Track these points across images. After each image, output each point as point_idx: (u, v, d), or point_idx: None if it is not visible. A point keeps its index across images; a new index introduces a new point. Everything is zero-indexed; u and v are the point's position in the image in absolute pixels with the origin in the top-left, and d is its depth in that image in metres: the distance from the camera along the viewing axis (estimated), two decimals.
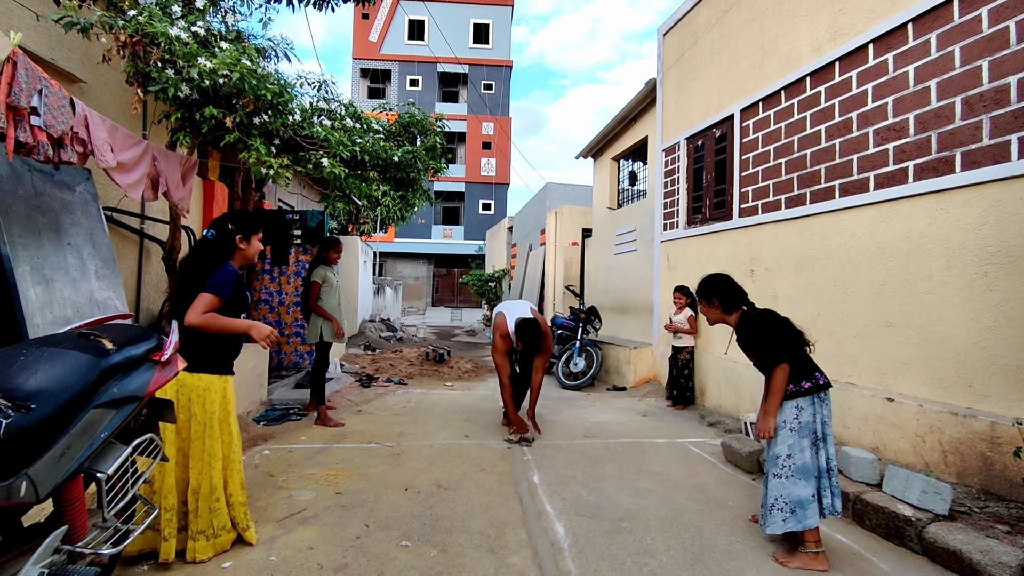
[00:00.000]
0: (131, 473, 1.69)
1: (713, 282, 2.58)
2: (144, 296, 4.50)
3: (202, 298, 2.24)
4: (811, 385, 2.37)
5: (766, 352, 2.41)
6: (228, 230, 2.40)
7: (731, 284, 2.55)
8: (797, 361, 2.39)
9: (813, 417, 2.37)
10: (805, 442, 2.36)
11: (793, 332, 2.46)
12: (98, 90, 3.90)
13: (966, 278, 3.01)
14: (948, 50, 3.12)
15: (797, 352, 2.41)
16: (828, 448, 2.39)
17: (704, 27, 5.72)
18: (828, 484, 2.39)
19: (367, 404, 5.49)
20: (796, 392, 2.38)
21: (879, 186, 3.55)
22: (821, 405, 2.39)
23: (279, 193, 8.36)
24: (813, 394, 2.37)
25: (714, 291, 2.56)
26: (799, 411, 2.37)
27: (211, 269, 2.31)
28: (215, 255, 2.37)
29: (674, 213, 6.24)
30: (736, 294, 2.54)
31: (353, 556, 2.34)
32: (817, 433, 2.37)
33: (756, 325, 2.48)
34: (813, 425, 2.37)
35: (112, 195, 4.00)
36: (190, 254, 2.45)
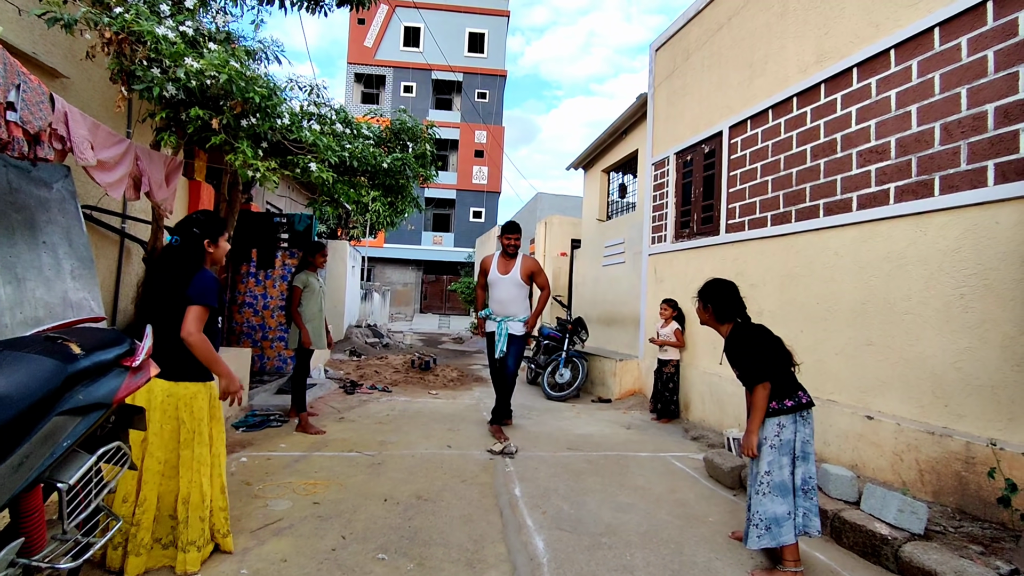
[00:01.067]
0: (95, 483, 1.63)
1: (714, 288, 2.57)
2: (122, 297, 4.41)
3: (192, 311, 2.21)
4: (794, 404, 2.38)
5: (750, 368, 2.40)
6: (194, 234, 2.35)
7: (730, 295, 2.54)
8: (781, 379, 2.40)
9: (794, 435, 2.37)
10: (784, 459, 2.37)
11: (781, 351, 2.47)
12: (81, 86, 3.84)
13: (944, 299, 3.06)
14: (928, 76, 3.20)
15: (782, 371, 2.42)
16: (808, 467, 2.39)
17: (695, 44, 5.81)
18: (802, 503, 2.38)
19: (350, 411, 5.42)
20: (779, 410, 2.38)
21: (862, 206, 3.61)
22: (803, 424, 2.40)
23: (267, 196, 8.28)
24: (795, 412, 2.38)
25: (712, 296, 2.56)
26: (780, 428, 2.38)
27: (188, 278, 2.26)
28: (188, 262, 2.32)
29: (662, 227, 6.28)
30: (732, 305, 2.53)
31: (327, 569, 2.29)
32: (796, 452, 2.37)
33: (745, 340, 2.47)
34: (793, 443, 2.37)
35: (92, 193, 3.92)
36: (159, 262, 2.41)
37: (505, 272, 4.59)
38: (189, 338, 2.19)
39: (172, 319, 2.23)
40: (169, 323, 2.23)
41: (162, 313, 2.26)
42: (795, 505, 2.35)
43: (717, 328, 2.59)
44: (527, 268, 4.60)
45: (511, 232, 4.66)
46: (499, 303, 4.60)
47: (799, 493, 2.37)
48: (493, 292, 4.65)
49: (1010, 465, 2.59)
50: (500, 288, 4.60)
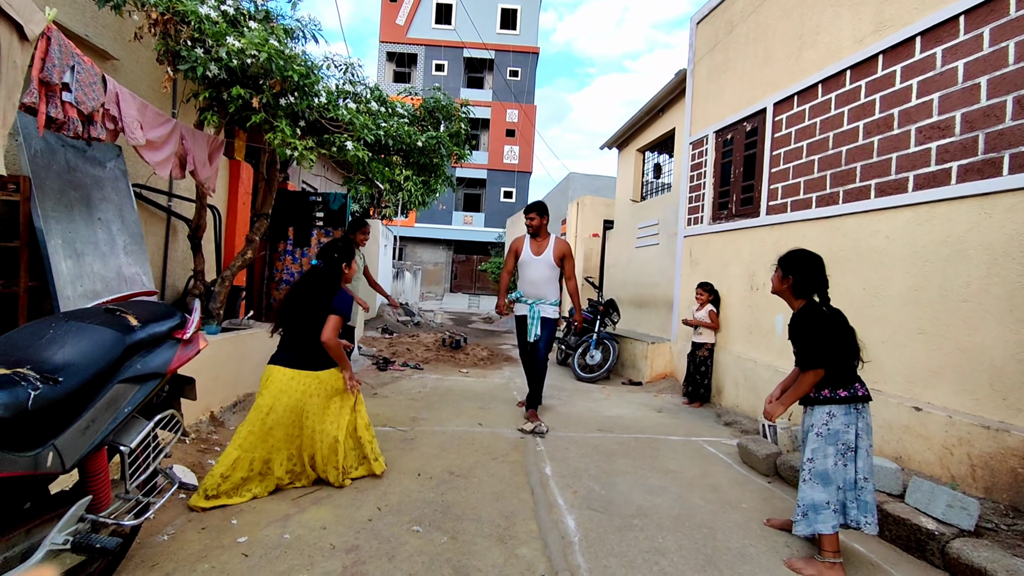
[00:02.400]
0: (153, 447, 1.72)
1: (799, 259, 2.43)
2: (170, 273, 4.59)
3: (332, 320, 2.84)
4: (848, 395, 2.30)
5: (810, 350, 2.31)
6: (335, 259, 2.99)
7: (816, 271, 2.40)
8: (841, 369, 2.32)
9: (846, 427, 2.29)
10: (830, 449, 2.31)
11: (850, 342, 2.36)
12: (130, 67, 3.95)
13: (1008, 287, 2.88)
14: (1002, 45, 2.96)
15: (845, 360, 2.33)
16: (860, 461, 2.30)
17: (740, 16, 5.53)
18: (855, 497, 2.30)
19: (383, 387, 5.55)
20: (831, 399, 2.31)
21: (919, 187, 3.41)
22: (857, 416, 2.31)
23: (303, 175, 8.43)
24: (849, 404, 2.30)
25: (797, 267, 2.42)
26: (830, 418, 2.32)
27: (332, 294, 2.90)
28: (332, 281, 2.96)
29: (699, 208, 6.11)
30: (814, 282, 2.39)
31: (365, 538, 2.37)
32: (849, 444, 2.29)
33: (816, 321, 2.35)
34: (844, 435, 2.29)
35: (141, 172, 4.06)
36: (308, 280, 2.98)
37: (538, 253, 4.52)
38: (329, 341, 2.82)
39: (314, 325, 2.84)
40: (312, 328, 2.84)
41: (306, 320, 2.87)
42: (845, 497, 2.28)
43: (790, 301, 2.46)
44: (559, 250, 4.52)
45: (530, 211, 4.58)
46: (531, 284, 4.55)
47: (849, 487, 2.30)
48: (524, 273, 4.61)
49: None
50: (532, 269, 4.54)
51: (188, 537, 2.28)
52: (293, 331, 2.92)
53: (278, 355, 2.91)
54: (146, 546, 2.17)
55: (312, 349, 2.87)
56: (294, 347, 2.90)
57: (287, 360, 2.88)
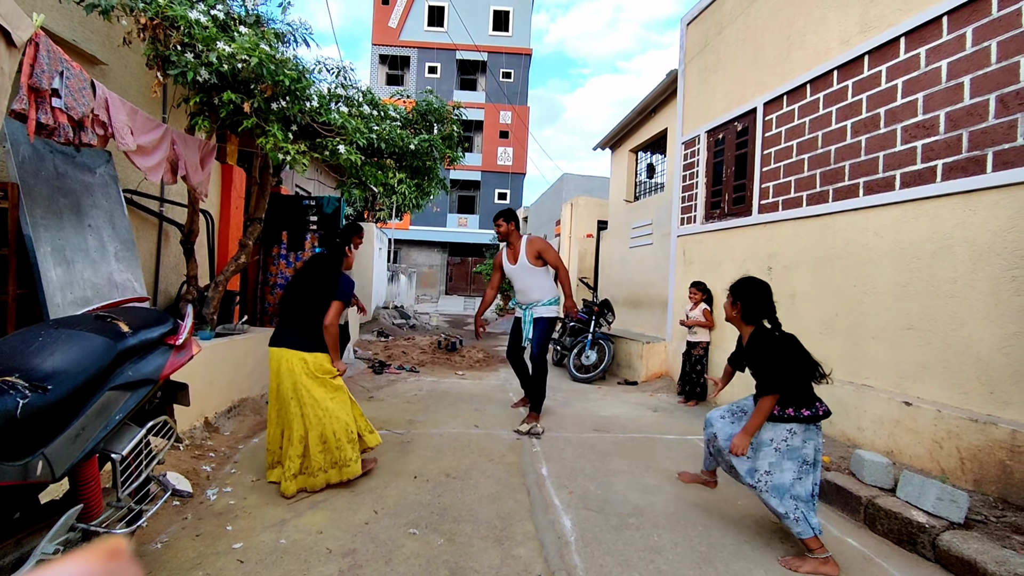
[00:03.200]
0: (145, 454, 1.72)
1: (747, 287, 2.52)
2: (162, 279, 4.57)
3: (335, 305, 2.93)
4: (810, 414, 2.36)
5: (770, 376, 2.37)
6: (337, 244, 3.11)
7: (762, 298, 2.48)
8: (803, 389, 2.38)
9: (804, 443, 2.35)
10: (787, 464, 2.35)
11: (808, 363, 2.42)
12: (119, 73, 3.94)
13: (992, 282, 2.92)
14: (984, 45, 3.00)
15: (805, 380, 2.39)
16: (817, 474, 2.37)
17: (729, 17, 5.58)
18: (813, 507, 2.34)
19: (379, 391, 5.54)
20: (794, 417, 2.36)
21: (905, 185, 3.45)
22: (816, 433, 2.38)
23: (296, 179, 8.41)
24: (810, 423, 2.36)
25: (744, 294, 2.51)
26: (791, 435, 2.37)
27: (335, 279, 2.97)
28: (335, 266, 3.04)
29: (692, 207, 6.14)
30: (762, 309, 2.48)
31: (361, 542, 2.37)
32: (807, 459, 2.35)
33: (772, 347, 2.42)
34: (803, 451, 2.35)
35: (132, 178, 4.04)
36: (309, 268, 3.06)
37: (514, 261, 4.50)
38: (331, 327, 2.90)
39: (315, 309, 2.91)
40: (312, 311, 2.91)
41: (308, 303, 2.93)
42: (795, 507, 2.31)
43: (740, 327, 2.55)
44: (532, 249, 4.44)
45: (496, 219, 4.57)
46: (521, 292, 4.54)
47: (809, 499, 2.33)
48: (513, 283, 4.61)
49: None
50: (516, 278, 4.52)
51: (182, 544, 2.27)
52: (293, 313, 2.98)
53: (275, 335, 2.99)
54: (139, 555, 2.16)
55: (308, 331, 2.92)
56: (291, 327, 2.95)
57: (282, 339, 2.94)
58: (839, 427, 3.79)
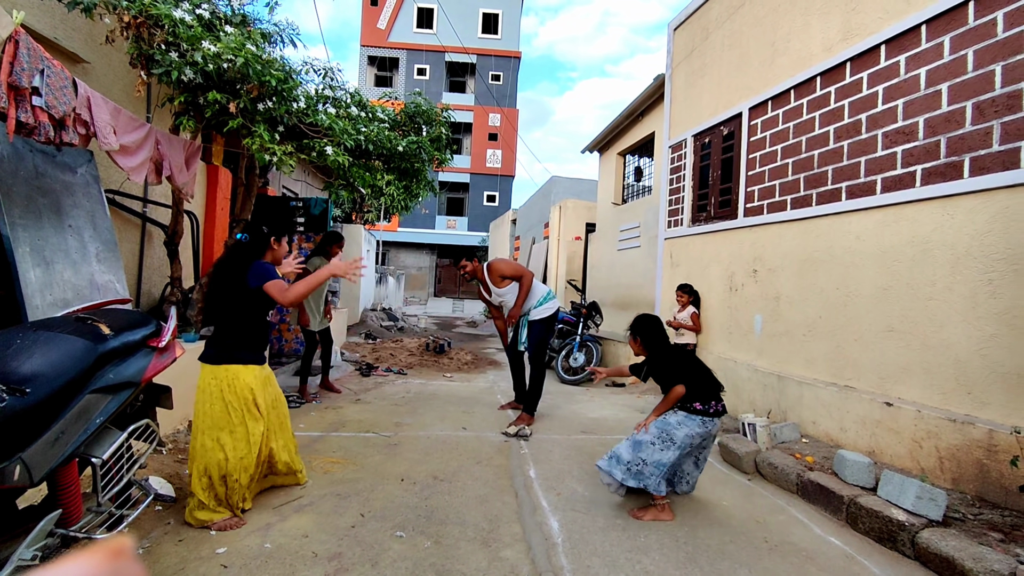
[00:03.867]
0: (126, 458, 1.69)
1: (641, 324, 3.03)
2: (145, 280, 4.51)
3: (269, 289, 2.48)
4: (702, 408, 2.79)
5: (669, 375, 2.89)
6: (263, 232, 2.66)
7: (655, 330, 3.01)
8: (702, 386, 2.82)
9: (678, 425, 2.78)
10: (654, 430, 2.81)
11: (693, 363, 2.98)
12: (101, 71, 3.88)
13: (970, 285, 2.99)
14: (961, 53, 3.08)
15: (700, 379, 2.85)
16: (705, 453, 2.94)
17: (715, 23, 5.65)
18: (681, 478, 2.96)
19: (366, 393, 5.50)
20: (688, 409, 2.80)
21: (886, 189, 3.52)
22: (695, 423, 2.77)
23: (283, 180, 8.34)
24: (699, 416, 2.78)
25: (640, 331, 3.02)
26: (671, 414, 2.84)
27: (246, 269, 2.51)
28: (248, 255, 2.59)
29: (679, 210, 6.20)
30: (656, 338, 3.00)
31: (347, 545, 2.36)
32: (672, 438, 2.76)
33: (665, 357, 2.96)
34: (674, 430, 2.77)
35: (114, 178, 3.98)
36: (225, 257, 2.64)
37: (489, 293, 4.69)
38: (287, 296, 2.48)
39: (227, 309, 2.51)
40: (226, 313, 2.52)
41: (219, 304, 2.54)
42: (639, 463, 2.78)
43: (643, 353, 3.04)
44: (494, 275, 4.60)
45: (458, 263, 4.74)
46: (512, 317, 4.66)
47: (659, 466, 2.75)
48: (503, 309, 4.76)
49: None
50: (503, 303, 4.70)
51: (165, 550, 2.24)
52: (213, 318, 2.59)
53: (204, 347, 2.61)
54: None
55: (218, 337, 2.51)
56: (212, 335, 2.55)
57: (204, 352, 2.56)
58: (823, 428, 3.84)
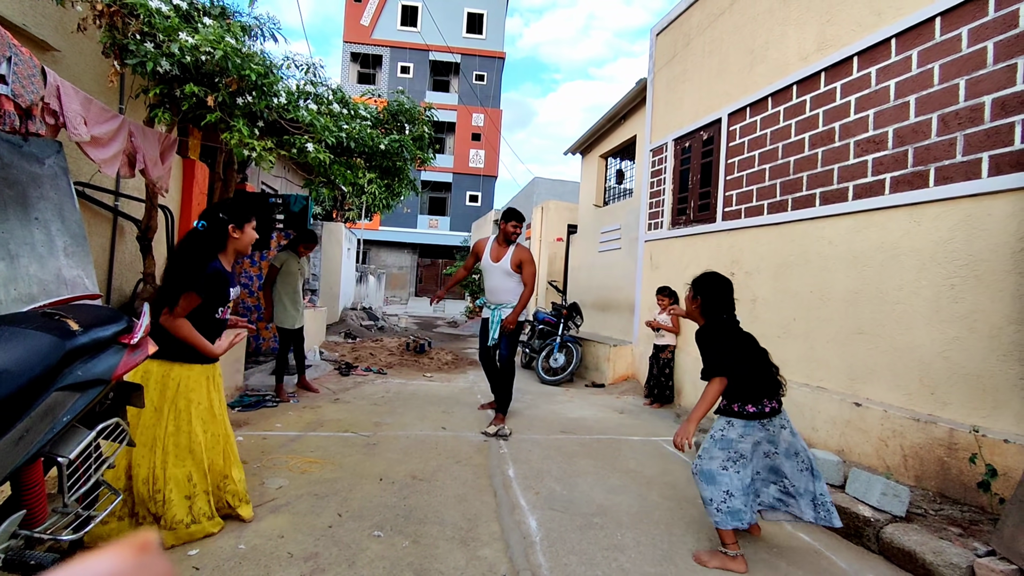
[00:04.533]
0: (94, 458, 1.65)
1: (707, 282, 2.50)
2: (116, 276, 4.39)
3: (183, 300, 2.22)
4: (756, 411, 2.35)
5: (711, 358, 2.37)
6: (219, 219, 2.34)
7: (723, 294, 2.47)
8: (748, 383, 2.36)
9: (741, 438, 2.36)
10: (718, 452, 2.37)
11: (756, 354, 2.43)
12: (72, 60, 3.77)
13: (935, 289, 3.11)
14: (928, 67, 3.19)
15: (751, 374, 2.37)
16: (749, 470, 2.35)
17: (696, 29, 5.75)
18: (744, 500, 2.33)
19: (345, 393, 5.45)
20: (737, 413, 2.37)
21: (857, 196, 3.63)
22: (757, 429, 2.37)
23: (262, 176, 8.20)
24: (754, 419, 2.36)
25: (703, 290, 2.50)
26: (728, 427, 2.38)
27: (198, 265, 2.25)
28: (205, 249, 2.31)
29: (659, 213, 6.29)
30: (722, 305, 2.47)
31: (324, 545, 2.33)
32: (743, 453, 2.35)
33: (719, 332, 2.43)
34: (738, 444, 2.35)
35: (84, 170, 3.87)
36: (179, 247, 2.38)
37: (496, 260, 4.47)
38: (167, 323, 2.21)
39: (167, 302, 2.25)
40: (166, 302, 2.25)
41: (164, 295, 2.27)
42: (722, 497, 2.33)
43: (699, 321, 2.54)
44: (517, 257, 4.44)
45: (514, 219, 4.47)
46: (490, 291, 4.54)
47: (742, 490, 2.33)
48: (485, 279, 4.60)
49: (991, 451, 2.65)
50: (490, 276, 4.51)
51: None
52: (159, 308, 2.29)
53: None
54: None
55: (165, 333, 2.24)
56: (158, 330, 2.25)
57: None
58: (796, 428, 3.94)
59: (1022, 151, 2.70)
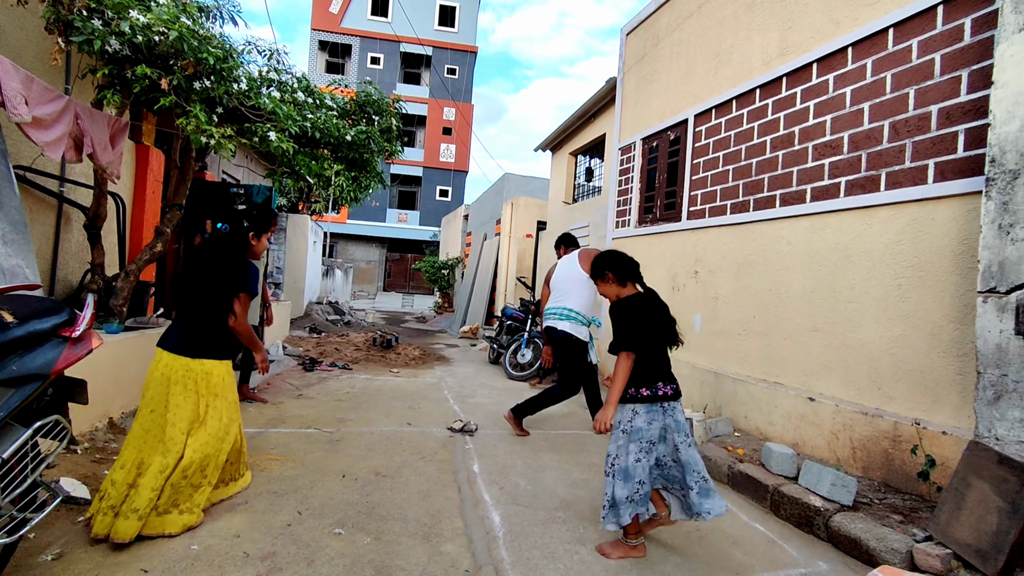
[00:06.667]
0: (32, 457, 1.56)
1: (607, 257, 2.49)
2: (61, 265, 4.15)
3: (242, 299, 2.53)
4: (649, 394, 2.29)
5: (618, 333, 2.31)
6: (244, 227, 2.70)
7: (626, 261, 2.46)
8: (646, 367, 2.30)
9: (648, 424, 2.29)
10: (632, 447, 2.29)
11: (659, 324, 2.36)
12: (13, 35, 3.53)
13: (883, 289, 3.26)
14: (881, 76, 3.33)
15: (650, 352, 2.30)
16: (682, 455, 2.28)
17: (665, 31, 5.84)
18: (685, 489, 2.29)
19: (308, 388, 5.33)
20: (635, 397, 2.31)
21: (815, 198, 3.76)
22: (662, 414, 2.31)
23: (223, 165, 7.91)
24: (651, 403, 2.30)
25: (609, 265, 2.47)
26: (634, 415, 2.32)
27: (239, 265, 2.56)
28: (238, 250, 2.63)
29: (627, 211, 6.37)
30: (629, 269, 2.45)
31: (282, 543, 2.28)
32: (652, 440, 2.29)
33: (628, 304, 2.38)
34: (647, 432, 2.29)
35: (26, 153, 3.64)
36: (208, 247, 2.59)
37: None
38: (238, 326, 2.52)
39: (207, 301, 2.47)
40: (206, 305, 2.47)
41: (199, 295, 2.48)
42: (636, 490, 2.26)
43: (621, 293, 2.47)
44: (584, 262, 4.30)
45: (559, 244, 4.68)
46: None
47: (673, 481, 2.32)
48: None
49: (930, 443, 2.81)
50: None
51: (77, 555, 2.08)
52: (186, 307, 2.50)
53: (165, 335, 2.48)
54: (27, 567, 1.96)
55: (201, 331, 2.46)
56: (182, 325, 2.48)
57: (169, 341, 2.45)
58: (753, 422, 4.07)
59: (965, 159, 2.85)
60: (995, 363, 2.40)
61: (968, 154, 2.83)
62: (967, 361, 2.77)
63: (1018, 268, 2.35)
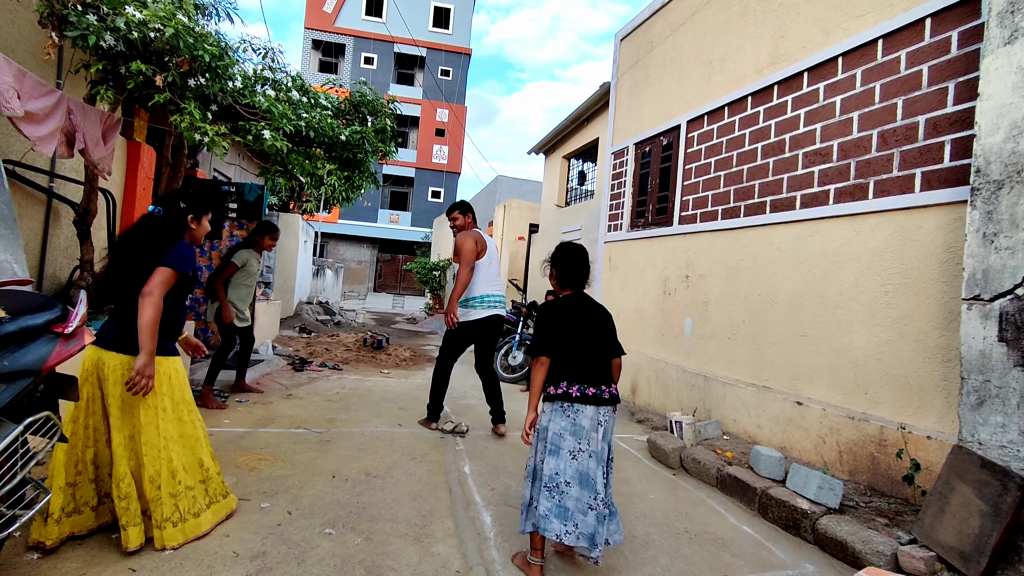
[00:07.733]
0: (21, 454, 1.55)
1: (559, 253, 2.39)
2: (50, 262, 4.10)
3: (160, 272, 2.12)
4: (555, 392, 2.17)
5: (533, 336, 2.25)
6: (179, 208, 2.31)
7: (572, 263, 2.33)
8: (557, 365, 2.19)
9: (549, 422, 2.18)
10: (540, 446, 2.20)
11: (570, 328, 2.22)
12: (5, 29, 3.49)
13: (870, 295, 3.31)
14: (870, 86, 3.40)
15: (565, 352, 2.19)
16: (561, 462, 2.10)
17: (659, 37, 5.90)
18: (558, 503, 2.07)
19: (298, 388, 5.30)
20: (546, 396, 2.20)
21: (804, 205, 3.82)
22: (562, 415, 2.15)
23: (215, 163, 7.85)
24: (556, 401, 2.17)
25: (556, 261, 2.38)
26: (542, 415, 2.24)
27: (165, 246, 2.19)
28: (166, 233, 2.24)
29: (619, 215, 6.42)
30: (569, 273, 2.33)
31: (272, 544, 2.27)
32: (552, 443, 2.14)
33: (548, 308, 2.29)
34: (547, 433, 2.17)
35: (15, 147, 3.60)
36: (134, 231, 2.27)
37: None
38: (145, 297, 2.07)
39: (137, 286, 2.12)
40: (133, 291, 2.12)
41: (129, 283, 2.14)
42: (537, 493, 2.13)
43: (559, 293, 2.38)
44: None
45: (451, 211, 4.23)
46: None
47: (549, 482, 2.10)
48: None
49: (915, 447, 2.86)
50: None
51: (65, 554, 2.06)
52: (119, 299, 2.21)
53: (100, 330, 2.19)
54: (13, 566, 1.93)
55: (129, 321, 2.11)
56: (113, 318, 2.20)
57: (101, 337, 2.15)
58: (742, 425, 4.12)
59: (951, 169, 2.91)
60: (979, 369, 2.45)
61: (954, 164, 2.89)
62: (952, 367, 2.82)
63: (1001, 276, 2.41)
